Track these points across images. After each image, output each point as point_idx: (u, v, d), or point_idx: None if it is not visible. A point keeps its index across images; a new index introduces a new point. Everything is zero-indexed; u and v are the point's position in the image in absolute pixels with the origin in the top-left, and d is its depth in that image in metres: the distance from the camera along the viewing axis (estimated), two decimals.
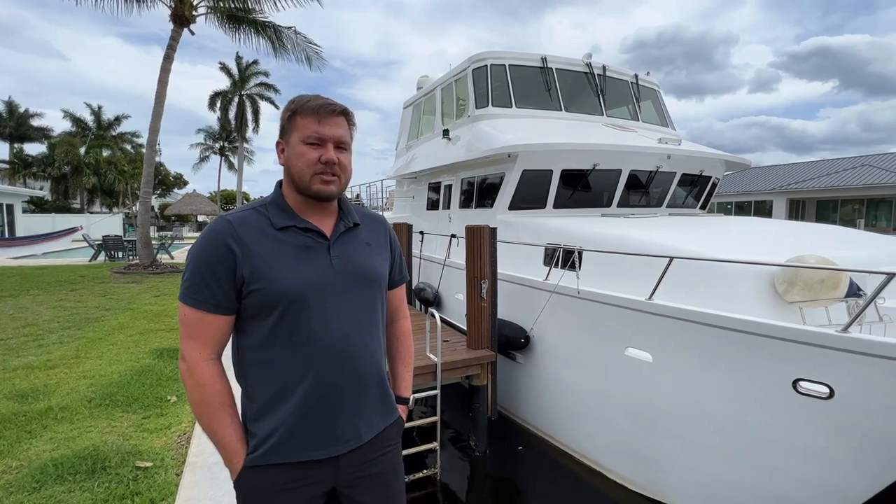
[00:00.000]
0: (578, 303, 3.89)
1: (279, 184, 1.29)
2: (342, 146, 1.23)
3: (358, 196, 14.25)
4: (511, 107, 6.31)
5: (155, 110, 12.52)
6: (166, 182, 42.04)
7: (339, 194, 1.26)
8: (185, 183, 43.56)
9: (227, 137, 34.99)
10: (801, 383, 2.54)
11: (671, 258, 3.11)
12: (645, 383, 3.48)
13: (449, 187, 7.10)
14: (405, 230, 7.03)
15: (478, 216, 6.03)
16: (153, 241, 14.66)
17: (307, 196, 1.22)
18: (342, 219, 1.30)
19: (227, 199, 41.63)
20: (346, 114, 1.24)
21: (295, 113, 1.20)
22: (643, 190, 6.14)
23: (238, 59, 30.24)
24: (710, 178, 6.67)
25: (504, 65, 6.42)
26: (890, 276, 2.20)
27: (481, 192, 6.24)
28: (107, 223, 25.81)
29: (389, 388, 1.38)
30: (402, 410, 1.45)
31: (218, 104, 30.92)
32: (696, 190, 6.71)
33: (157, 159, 27.95)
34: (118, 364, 4.79)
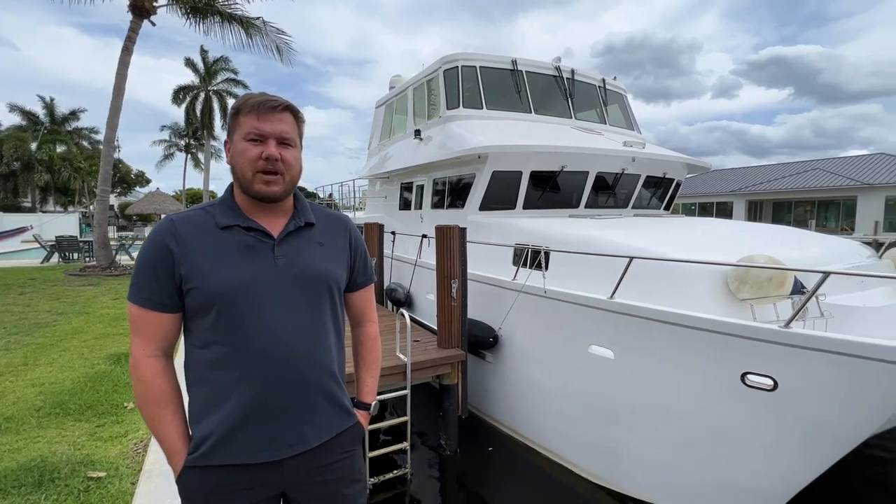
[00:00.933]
0: (544, 302, 3.97)
1: (232, 184, 1.27)
2: (286, 142, 1.19)
3: (331, 195, 14.04)
4: (482, 108, 6.37)
5: (113, 105, 11.95)
6: (127, 180, 40.17)
7: (285, 194, 1.23)
8: (148, 181, 41.75)
9: (194, 134, 33.75)
10: (749, 376, 2.69)
11: (631, 258, 3.22)
12: (607, 380, 3.59)
13: (421, 187, 7.11)
14: (377, 230, 6.99)
15: (449, 216, 6.05)
16: (112, 242, 13.99)
17: (250, 196, 1.20)
18: (293, 218, 1.27)
19: (193, 198, 40.15)
20: (290, 109, 1.22)
21: (238, 111, 1.18)
22: (610, 191, 6.31)
23: (203, 53, 29.21)
24: (672, 180, 6.93)
25: (475, 66, 6.48)
26: (826, 274, 2.35)
27: (453, 193, 6.27)
28: (61, 223, 24.41)
29: (343, 393, 1.33)
30: (362, 416, 1.42)
31: (183, 100, 29.80)
32: (659, 191, 6.96)
33: (117, 156, 26.65)
34: (71, 371, 4.55)
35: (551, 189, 5.84)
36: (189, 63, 29.11)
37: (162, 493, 2.54)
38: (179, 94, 29.79)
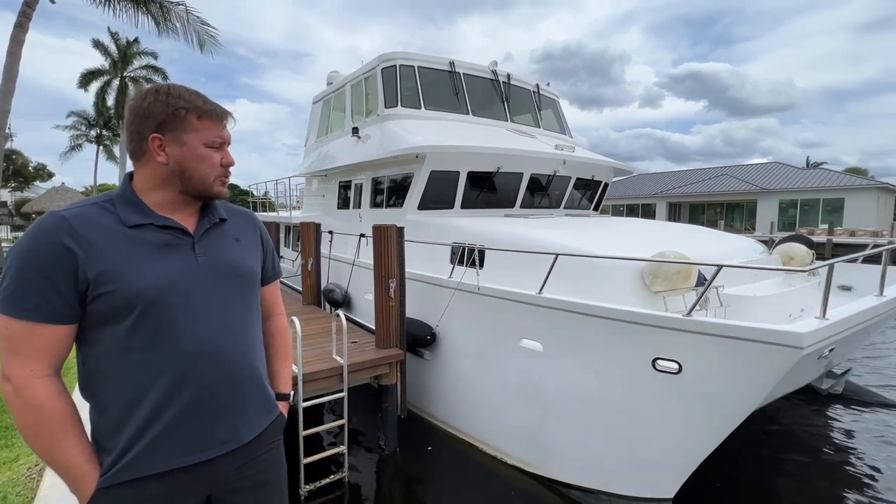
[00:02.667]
0: (479, 299, 4.08)
1: (129, 177, 1.19)
2: (229, 147, 1.27)
3: (266, 194, 13.38)
4: (420, 108, 6.39)
5: (4, 88, 10.51)
6: (24, 173, 35.50)
7: None
8: (51, 175, 37.18)
9: (106, 124, 30.52)
10: (659, 361, 2.96)
11: (556, 255, 3.40)
12: (536, 371, 3.76)
13: (360, 186, 6.99)
14: (313, 229, 6.78)
15: (388, 216, 6.01)
16: (4, 244, 12.31)
17: (202, 198, 1.22)
18: (207, 215, 1.25)
19: None
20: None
21: (189, 112, 1.15)
22: (543, 192, 6.61)
23: (115, 35, 26.42)
24: (600, 182, 7.39)
25: (413, 66, 6.49)
26: (719, 268, 2.66)
27: (391, 192, 6.24)
28: None
29: (268, 386, 1.36)
30: (282, 407, 1.45)
31: (93, 86, 26.81)
32: (589, 193, 7.40)
33: (9, 146, 23.45)
34: None
35: (488, 189, 6.00)
36: (98, 45, 26.17)
37: None
38: (88, 79, 26.78)
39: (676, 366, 2.88)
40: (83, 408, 1.11)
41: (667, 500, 3.41)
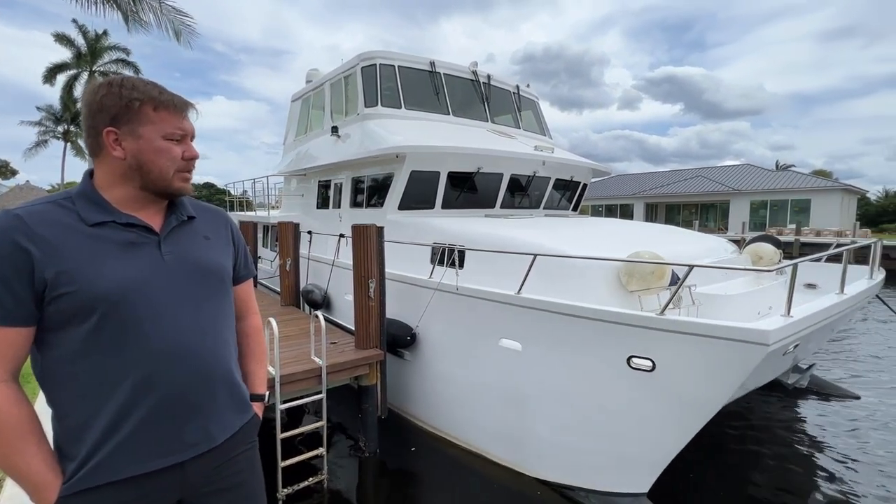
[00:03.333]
0: (459, 299, 4.10)
1: (89, 174, 1.15)
2: (193, 140, 1.22)
3: (244, 193, 13.12)
4: (400, 108, 6.37)
5: None
6: None
7: None
8: (14, 172, 35.60)
9: (74, 119, 29.38)
10: (633, 359, 3.03)
11: (535, 255, 3.44)
12: (515, 370, 3.80)
13: (339, 186, 6.92)
14: (291, 229, 6.68)
15: (368, 216, 5.97)
16: None
17: (164, 194, 1.17)
18: (174, 212, 1.22)
19: None
20: (193, 108, 1.24)
21: (143, 103, 1.10)
22: (523, 193, 6.67)
23: (83, 28, 25.43)
24: (579, 182, 7.50)
25: (394, 66, 6.46)
26: (691, 267, 2.73)
27: (371, 192, 6.20)
28: None
29: (241, 386, 1.34)
30: (257, 408, 1.43)
31: (59, 80, 25.75)
32: (568, 193, 7.50)
33: None
34: None
35: (469, 189, 6.02)
36: (62, 38, 25.13)
37: None
38: (54, 73, 25.72)
39: (650, 363, 2.95)
40: (48, 413, 1.08)
41: (641, 494, 3.50)
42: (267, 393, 1.53)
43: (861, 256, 4.85)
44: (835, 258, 3.87)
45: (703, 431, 3.15)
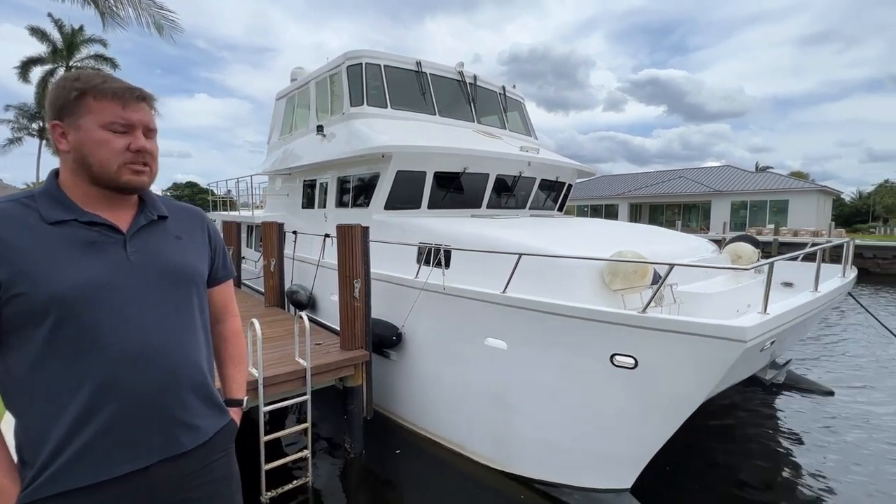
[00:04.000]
0: (445, 299, 4.10)
1: (54, 173, 1.13)
2: (150, 133, 1.15)
3: (228, 192, 12.93)
4: (386, 107, 6.35)
5: None
6: None
7: (150, 185, 1.17)
8: None
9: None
10: (617, 357, 3.08)
11: (520, 255, 3.47)
12: (501, 369, 3.82)
13: (325, 185, 6.87)
14: (276, 229, 6.60)
15: (354, 215, 5.94)
16: None
17: (113, 189, 1.11)
18: (143, 211, 1.19)
19: None
20: (150, 99, 1.16)
21: (85, 93, 1.06)
22: (509, 193, 6.71)
23: (59, 22, 24.74)
24: (564, 183, 7.57)
25: (380, 65, 6.43)
26: (671, 266, 2.79)
27: (357, 192, 6.17)
28: None
29: (214, 391, 1.30)
30: (234, 413, 1.40)
31: (34, 75, 24.99)
32: (553, 194, 7.57)
33: None
34: None
35: (455, 189, 6.03)
36: (37, 32, 24.41)
37: None
38: (29, 68, 24.97)
39: (633, 361, 3.00)
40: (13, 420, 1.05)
41: (624, 490, 3.55)
42: (246, 398, 1.49)
43: (835, 255, 5.01)
44: (810, 257, 3.98)
45: (684, 427, 3.22)
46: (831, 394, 5.96)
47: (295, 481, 3.90)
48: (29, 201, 1.06)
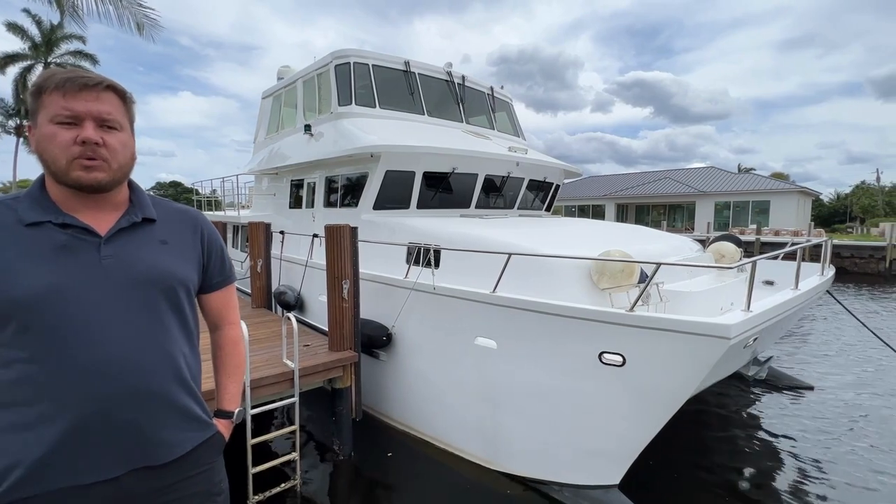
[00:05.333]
0: (434, 298, 4.10)
1: (43, 175, 1.10)
2: (108, 124, 1.06)
3: (213, 192, 12.74)
4: (375, 107, 6.32)
5: None
6: None
7: (113, 183, 1.10)
8: None
9: (28, 113, 27.73)
10: (605, 355, 3.11)
11: (509, 255, 3.49)
12: (491, 368, 3.84)
13: (312, 185, 6.81)
14: (262, 229, 6.52)
15: (342, 215, 5.90)
16: None
17: (68, 186, 1.05)
18: (128, 213, 1.14)
19: None
20: (114, 89, 1.08)
21: (41, 90, 1.02)
22: (498, 193, 6.73)
23: (36, 17, 24.14)
24: (552, 183, 7.63)
25: (368, 64, 6.40)
26: (658, 265, 2.83)
27: (346, 191, 6.13)
28: None
29: (197, 402, 1.24)
30: (223, 426, 1.35)
31: (11, 71, 24.32)
32: (541, 194, 7.62)
33: None
34: None
35: (444, 189, 6.03)
36: (14, 27, 23.77)
37: None
38: (6, 64, 24.30)
39: (621, 358, 3.04)
40: None
41: (612, 486, 3.59)
42: (237, 410, 1.42)
43: (814, 255, 5.14)
44: (791, 256, 4.07)
45: (670, 423, 3.27)
46: (811, 388, 6.13)
47: (283, 484, 3.86)
48: (12, 202, 1.04)
